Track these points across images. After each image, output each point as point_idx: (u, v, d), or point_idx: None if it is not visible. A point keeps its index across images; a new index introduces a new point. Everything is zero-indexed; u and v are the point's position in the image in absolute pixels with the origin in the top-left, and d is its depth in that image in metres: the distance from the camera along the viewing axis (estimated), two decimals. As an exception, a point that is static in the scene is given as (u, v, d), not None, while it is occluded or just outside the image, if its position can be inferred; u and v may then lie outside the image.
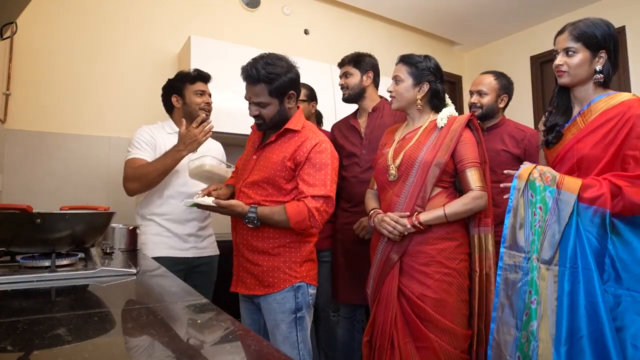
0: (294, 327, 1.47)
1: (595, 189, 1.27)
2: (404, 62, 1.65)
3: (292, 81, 1.50)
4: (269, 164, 1.50)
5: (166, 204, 1.81)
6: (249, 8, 3.06)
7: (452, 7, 3.56)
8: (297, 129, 1.52)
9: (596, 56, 1.38)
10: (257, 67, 1.45)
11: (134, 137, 1.84)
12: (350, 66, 2.04)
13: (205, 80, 1.93)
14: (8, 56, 2.19)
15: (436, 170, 1.51)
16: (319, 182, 1.45)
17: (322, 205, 1.44)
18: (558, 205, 1.30)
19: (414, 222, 1.48)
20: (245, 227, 1.50)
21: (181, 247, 1.82)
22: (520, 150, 1.94)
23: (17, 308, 0.76)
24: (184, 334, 0.67)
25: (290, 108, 1.54)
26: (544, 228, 1.31)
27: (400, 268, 1.54)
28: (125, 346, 0.61)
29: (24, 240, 1.04)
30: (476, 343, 1.52)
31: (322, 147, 1.49)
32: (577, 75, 1.40)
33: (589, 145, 1.37)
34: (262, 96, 1.47)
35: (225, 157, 2.05)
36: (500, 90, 2.03)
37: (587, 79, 1.40)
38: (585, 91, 1.43)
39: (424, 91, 1.62)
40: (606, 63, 1.38)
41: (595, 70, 1.39)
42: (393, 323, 1.51)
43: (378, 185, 1.69)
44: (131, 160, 1.77)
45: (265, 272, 1.48)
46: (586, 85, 1.42)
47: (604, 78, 1.39)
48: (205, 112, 1.88)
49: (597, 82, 1.40)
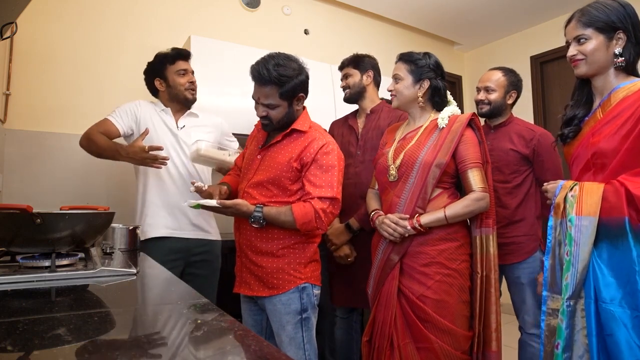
0: (299, 328, 1.47)
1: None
2: (403, 60, 1.64)
3: (303, 83, 1.50)
4: (274, 164, 1.49)
5: (162, 182, 1.81)
6: (249, 8, 3.06)
7: (452, 7, 3.55)
8: (303, 129, 1.51)
9: (613, 38, 1.23)
10: (269, 68, 1.42)
11: (121, 105, 1.86)
12: (350, 67, 2.04)
13: (186, 57, 1.90)
14: (8, 56, 2.19)
15: (436, 171, 1.50)
16: (326, 183, 1.44)
17: (328, 206, 1.44)
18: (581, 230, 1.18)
19: (415, 224, 1.47)
20: (250, 228, 1.49)
21: (180, 228, 1.80)
22: (529, 151, 1.90)
23: (17, 308, 0.76)
24: (184, 334, 0.67)
25: (298, 110, 1.54)
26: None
27: (400, 269, 1.54)
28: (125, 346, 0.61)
29: (24, 240, 1.03)
30: (477, 344, 1.51)
31: (329, 149, 1.48)
32: (595, 62, 1.25)
33: (604, 138, 1.21)
34: (271, 98, 1.46)
35: (225, 132, 2.04)
36: (509, 86, 1.99)
37: (606, 66, 1.25)
38: (605, 79, 1.27)
39: (424, 88, 1.60)
40: (627, 45, 1.23)
41: (614, 54, 1.24)
42: (392, 323, 1.50)
43: (379, 185, 1.68)
44: (103, 120, 1.80)
45: (270, 274, 1.47)
46: (606, 73, 1.26)
47: (625, 62, 1.23)
48: (190, 91, 1.87)
49: (619, 68, 1.24)
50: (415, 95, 1.61)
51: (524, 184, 1.92)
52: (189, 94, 1.87)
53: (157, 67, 1.88)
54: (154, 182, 1.82)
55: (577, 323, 1.18)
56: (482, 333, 1.52)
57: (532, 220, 1.92)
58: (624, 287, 1.11)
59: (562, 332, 1.18)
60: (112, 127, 1.78)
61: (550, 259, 1.26)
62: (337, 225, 1.92)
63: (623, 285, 1.12)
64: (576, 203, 1.19)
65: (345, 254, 1.88)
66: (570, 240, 1.19)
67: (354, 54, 2.07)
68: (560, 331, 1.18)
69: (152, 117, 1.86)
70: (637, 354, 1.07)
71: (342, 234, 1.89)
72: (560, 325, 1.18)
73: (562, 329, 1.18)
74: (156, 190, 1.81)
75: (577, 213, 1.18)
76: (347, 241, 1.89)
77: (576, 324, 1.18)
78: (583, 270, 1.17)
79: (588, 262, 1.17)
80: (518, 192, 1.92)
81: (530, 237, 1.91)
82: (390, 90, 1.66)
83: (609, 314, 1.12)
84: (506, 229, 1.90)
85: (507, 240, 1.88)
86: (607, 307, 1.13)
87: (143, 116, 1.83)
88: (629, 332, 1.09)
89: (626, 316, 1.10)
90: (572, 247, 1.18)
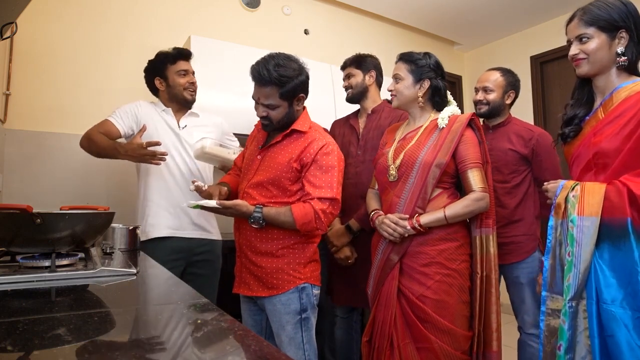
0: (299, 328, 1.47)
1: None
2: (403, 60, 1.64)
3: (303, 84, 1.49)
4: (274, 165, 1.50)
5: (163, 181, 1.82)
6: (249, 8, 3.06)
7: (452, 7, 3.55)
8: (304, 130, 1.51)
9: (615, 37, 1.22)
10: (269, 69, 1.42)
11: (122, 106, 1.86)
12: (353, 67, 2.04)
13: (187, 57, 1.90)
14: (8, 56, 2.19)
15: (436, 171, 1.50)
16: (326, 184, 1.44)
17: (328, 207, 1.44)
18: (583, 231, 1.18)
19: (414, 224, 1.47)
20: (249, 228, 1.49)
21: (182, 227, 1.80)
22: (527, 151, 1.90)
23: (17, 308, 0.76)
24: (184, 334, 0.67)
25: (298, 110, 1.54)
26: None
27: (400, 269, 1.54)
28: (125, 346, 0.61)
29: (24, 240, 1.03)
30: (477, 344, 1.51)
31: (329, 149, 1.48)
32: (597, 61, 1.24)
33: (606, 138, 1.20)
34: (271, 98, 1.46)
35: (225, 131, 2.05)
36: (507, 86, 2.00)
37: (608, 65, 1.24)
38: (607, 79, 1.26)
39: (424, 88, 1.60)
40: (629, 44, 1.22)
41: (616, 52, 1.23)
42: (392, 323, 1.50)
43: (379, 185, 1.68)
44: (104, 121, 1.81)
45: (269, 274, 1.48)
46: (608, 72, 1.26)
47: (628, 61, 1.22)
48: (189, 92, 1.87)
49: (621, 67, 1.23)
50: (415, 95, 1.61)
51: (523, 184, 1.93)
52: (188, 95, 1.87)
53: (157, 66, 1.88)
54: (156, 182, 1.82)
55: (579, 324, 1.17)
56: (482, 333, 1.52)
57: (531, 220, 1.93)
58: (625, 287, 1.11)
59: (564, 334, 1.18)
60: (112, 127, 1.79)
61: (550, 259, 1.25)
62: (337, 226, 1.91)
63: (624, 286, 1.11)
64: (578, 203, 1.19)
65: (346, 256, 1.88)
66: (572, 240, 1.18)
67: (357, 54, 2.07)
68: (563, 332, 1.18)
69: (153, 117, 1.86)
70: (638, 354, 1.07)
71: (343, 235, 1.89)
72: (563, 326, 1.18)
73: (564, 330, 1.18)
74: (158, 190, 1.81)
75: (579, 213, 1.18)
76: (347, 243, 1.89)
77: (578, 325, 1.17)
78: (585, 271, 1.16)
79: (590, 262, 1.16)
80: (517, 192, 1.92)
81: (529, 236, 1.91)
82: (391, 90, 1.66)
83: (610, 315, 1.12)
84: (505, 228, 1.90)
85: (505, 240, 1.88)
86: (608, 308, 1.12)
87: (144, 117, 1.84)
88: (629, 332, 1.08)
89: (627, 317, 1.09)
90: (574, 248, 1.17)
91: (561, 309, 1.19)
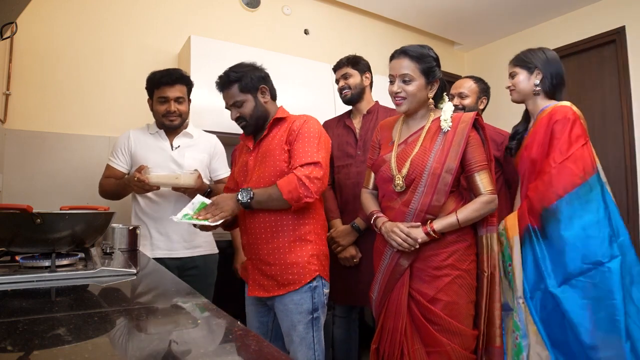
0: (310, 327, 1.47)
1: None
2: (411, 58, 1.48)
3: (262, 78, 1.58)
4: (269, 153, 1.53)
5: (152, 203, 1.84)
6: (249, 8, 3.06)
7: (452, 7, 3.55)
8: (284, 116, 1.59)
9: (532, 73, 1.72)
10: (226, 72, 1.57)
11: (115, 142, 1.93)
12: (349, 67, 2.03)
13: (171, 83, 1.82)
14: (8, 56, 2.19)
15: (447, 177, 1.44)
16: (304, 151, 1.47)
17: (311, 171, 1.43)
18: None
19: (429, 230, 1.43)
20: (257, 227, 1.50)
21: (170, 248, 1.82)
22: (500, 153, 1.97)
23: (17, 308, 0.76)
24: (184, 334, 0.67)
25: (266, 102, 1.59)
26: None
27: (410, 272, 1.49)
28: (125, 346, 0.61)
29: (24, 240, 1.03)
30: (482, 342, 1.50)
31: (309, 123, 1.54)
32: (522, 93, 1.75)
33: (529, 153, 1.65)
34: (235, 95, 1.55)
35: (217, 152, 2.03)
36: (480, 92, 2.13)
37: (530, 94, 1.72)
38: (532, 104, 1.74)
39: (435, 89, 1.52)
40: (544, 78, 1.69)
41: (534, 84, 1.71)
42: (403, 332, 1.47)
43: (382, 193, 1.62)
44: (106, 166, 1.91)
45: (283, 270, 1.47)
46: (532, 99, 1.73)
47: (541, 90, 1.70)
48: (168, 119, 1.84)
49: (537, 94, 1.71)
50: (426, 97, 1.51)
51: (496, 186, 1.96)
52: (167, 121, 1.85)
53: (148, 87, 1.89)
54: (147, 204, 1.85)
55: (526, 315, 1.53)
56: (485, 331, 1.51)
57: (503, 217, 1.94)
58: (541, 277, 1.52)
59: (517, 325, 1.53)
60: (115, 171, 1.89)
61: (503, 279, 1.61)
62: (342, 226, 1.91)
63: (540, 276, 1.52)
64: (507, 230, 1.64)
65: (351, 255, 1.88)
66: (509, 258, 1.61)
67: (351, 55, 2.08)
68: (516, 324, 1.54)
69: (147, 141, 1.89)
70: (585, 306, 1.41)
71: (349, 234, 1.88)
72: (516, 320, 1.54)
73: (516, 323, 1.54)
74: (149, 211, 1.84)
75: (510, 237, 1.62)
76: (353, 242, 1.89)
77: (526, 316, 1.53)
78: (520, 274, 1.57)
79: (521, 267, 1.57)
80: None
81: None
82: (398, 92, 1.50)
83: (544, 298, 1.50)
84: None
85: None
86: (539, 293, 1.51)
87: (134, 147, 1.88)
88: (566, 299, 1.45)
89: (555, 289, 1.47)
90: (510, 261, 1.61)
91: (513, 308, 1.55)
